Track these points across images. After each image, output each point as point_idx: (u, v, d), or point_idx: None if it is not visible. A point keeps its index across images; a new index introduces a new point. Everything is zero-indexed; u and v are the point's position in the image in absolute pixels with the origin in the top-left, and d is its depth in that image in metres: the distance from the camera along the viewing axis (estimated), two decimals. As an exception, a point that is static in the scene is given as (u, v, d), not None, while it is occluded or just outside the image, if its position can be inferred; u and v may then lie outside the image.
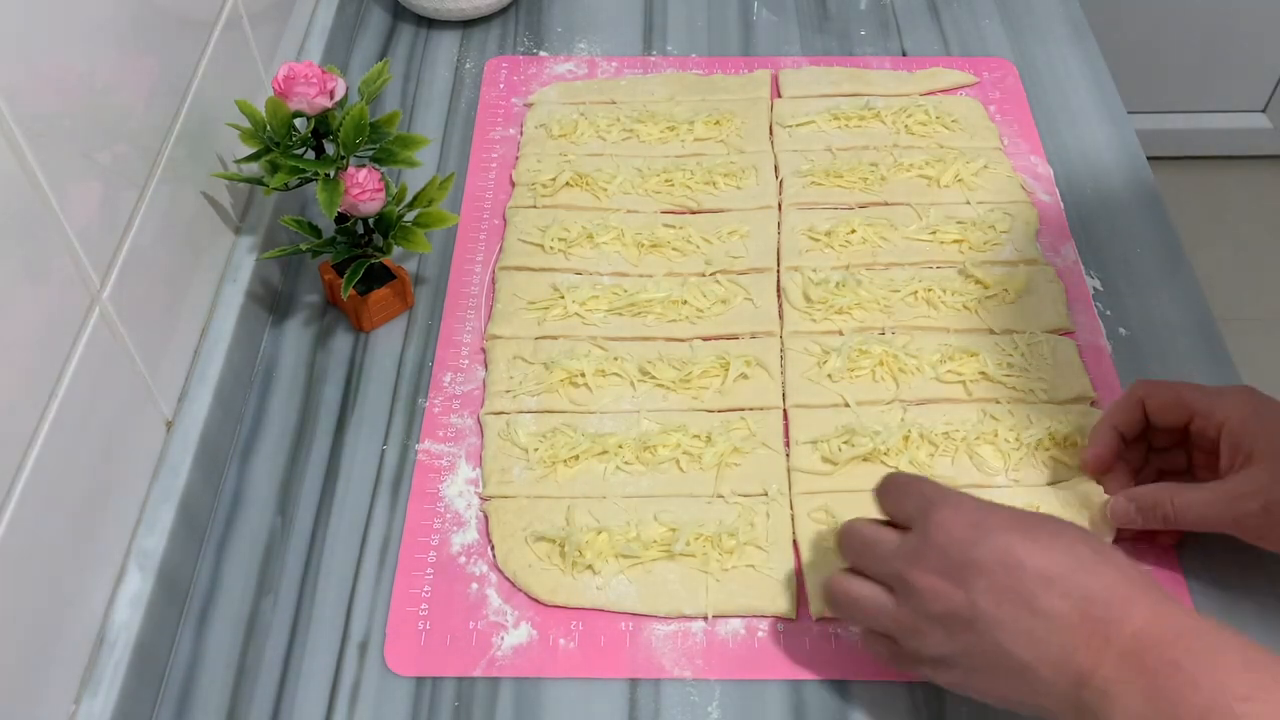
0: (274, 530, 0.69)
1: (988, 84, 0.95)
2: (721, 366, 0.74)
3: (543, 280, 0.80)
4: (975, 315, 0.77)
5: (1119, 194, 0.87)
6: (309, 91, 0.69)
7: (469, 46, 1.00)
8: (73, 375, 0.56)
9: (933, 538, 0.54)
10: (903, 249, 0.81)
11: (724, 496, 0.68)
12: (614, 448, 0.70)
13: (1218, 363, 0.76)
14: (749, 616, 0.64)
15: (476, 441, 0.72)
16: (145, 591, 0.61)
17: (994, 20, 1.02)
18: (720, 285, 0.79)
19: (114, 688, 0.58)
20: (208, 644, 0.64)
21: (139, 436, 0.65)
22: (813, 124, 0.91)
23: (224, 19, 0.77)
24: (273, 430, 0.74)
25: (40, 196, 0.53)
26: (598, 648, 0.63)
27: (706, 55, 0.99)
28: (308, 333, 0.79)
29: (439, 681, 0.62)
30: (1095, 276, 0.81)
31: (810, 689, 0.62)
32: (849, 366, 0.74)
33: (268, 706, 0.62)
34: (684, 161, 0.88)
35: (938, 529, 0.54)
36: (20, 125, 0.51)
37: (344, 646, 0.64)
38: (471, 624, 0.64)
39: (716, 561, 0.65)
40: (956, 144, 0.89)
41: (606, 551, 0.66)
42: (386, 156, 0.72)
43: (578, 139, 0.90)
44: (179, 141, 0.69)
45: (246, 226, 0.79)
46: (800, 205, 0.85)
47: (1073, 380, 0.74)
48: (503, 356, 0.75)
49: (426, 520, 0.69)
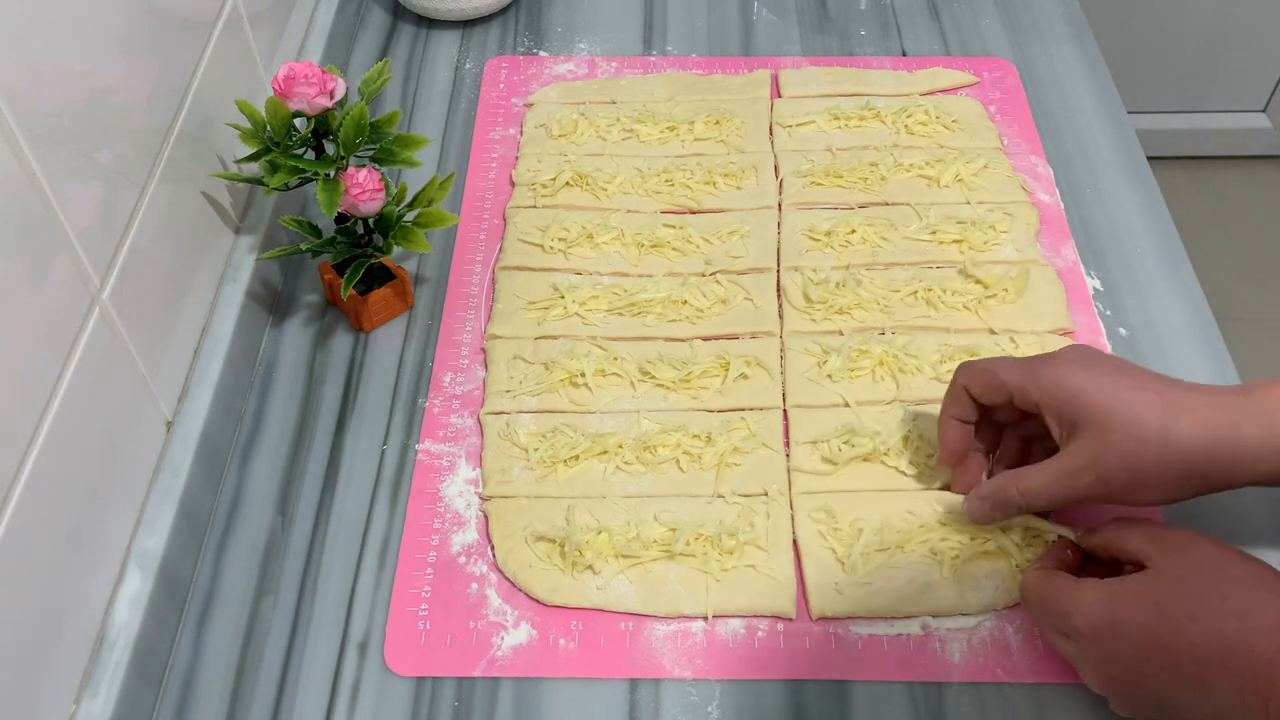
0: (274, 530, 0.69)
1: (988, 84, 0.95)
2: (721, 366, 0.74)
3: (543, 280, 0.80)
4: (975, 315, 0.77)
5: (1119, 194, 0.87)
6: (309, 91, 0.69)
7: (469, 46, 1.00)
8: (73, 375, 0.56)
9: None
10: (903, 249, 0.81)
11: (724, 496, 0.68)
12: (614, 448, 0.70)
13: (1218, 363, 0.76)
14: (749, 616, 0.64)
15: (476, 441, 0.72)
16: (145, 591, 0.61)
17: (994, 20, 1.02)
18: (720, 285, 0.79)
19: (114, 688, 0.58)
20: (208, 644, 0.64)
21: (139, 436, 0.65)
22: (813, 124, 0.91)
23: (224, 19, 0.77)
24: (273, 430, 0.74)
25: (40, 196, 0.53)
26: (598, 648, 0.63)
27: (706, 55, 0.99)
28: (308, 333, 0.79)
29: (439, 681, 0.62)
30: (1095, 276, 0.81)
31: (810, 689, 0.62)
32: (849, 366, 0.74)
33: (268, 706, 0.62)
34: (684, 161, 0.88)
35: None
36: (20, 125, 0.51)
37: (344, 646, 0.64)
38: (471, 624, 0.64)
39: (716, 561, 0.65)
40: (956, 144, 0.89)
41: (606, 551, 0.66)
42: (386, 156, 0.72)
43: (578, 139, 0.90)
44: (179, 141, 0.69)
45: (246, 226, 0.79)
46: (800, 205, 0.85)
47: (1073, 380, 0.73)
48: (503, 356, 0.76)
49: (426, 520, 0.69)
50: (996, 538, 0.65)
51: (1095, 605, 0.55)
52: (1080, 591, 0.56)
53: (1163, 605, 0.53)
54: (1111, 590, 0.55)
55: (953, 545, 0.65)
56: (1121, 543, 0.58)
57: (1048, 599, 0.58)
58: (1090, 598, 0.56)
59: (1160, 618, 0.53)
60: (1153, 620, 0.53)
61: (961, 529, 0.65)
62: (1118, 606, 0.55)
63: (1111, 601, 0.55)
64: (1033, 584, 0.59)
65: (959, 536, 0.65)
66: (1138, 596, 0.54)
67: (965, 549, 0.65)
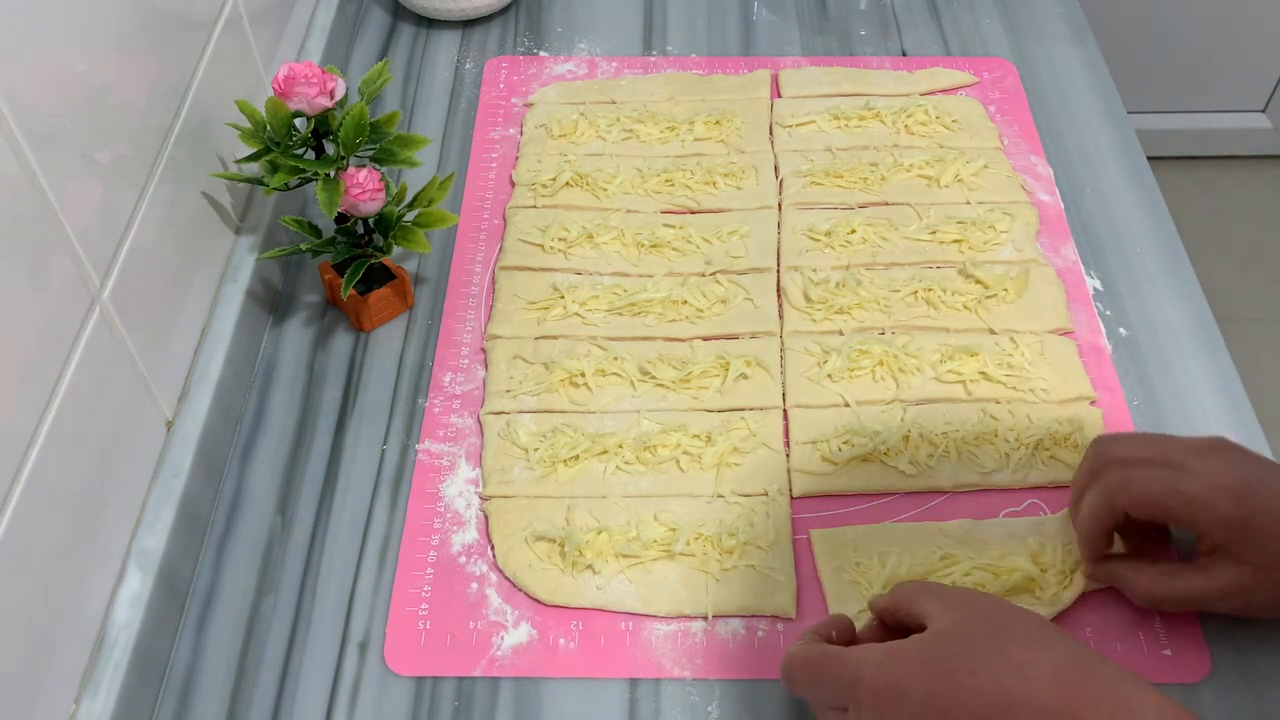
0: (274, 530, 0.69)
1: (988, 84, 0.95)
2: (721, 366, 0.74)
3: (543, 280, 0.80)
4: (975, 315, 0.77)
5: (1119, 194, 0.87)
6: (309, 91, 0.69)
7: (469, 46, 1.00)
8: (73, 375, 0.56)
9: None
10: (903, 249, 0.81)
11: (724, 496, 0.68)
12: (614, 448, 0.70)
13: (1218, 363, 0.76)
14: (749, 616, 0.64)
15: (476, 441, 0.72)
16: (145, 591, 0.61)
17: (994, 20, 1.02)
18: (720, 285, 0.79)
19: (114, 688, 0.58)
20: (208, 644, 0.64)
21: (139, 436, 0.65)
22: (813, 124, 0.91)
23: (224, 19, 0.77)
24: (273, 430, 0.74)
25: (40, 196, 0.53)
26: (598, 648, 0.63)
27: (706, 55, 0.99)
28: (308, 333, 0.79)
29: (439, 681, 0.62)
30: (1095, 276, 0.81)
31: (810, 689, 0.62)
32: (849, 366, 0.74)
33: (268, 706, 0.62)
34: (684, 161, 0.88)
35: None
36: (20, 125, 0.51)
37: (344, 646, 0.64)
38: (471, 624, 0.64)
39: (716, 561, 0.65)
40: (956, 144, 0.89)
41: (606, 551, 0.66)
42: (386, 156, 0.72)
43: (578, 139, 0.90)
44: (179, 141, 0.69)
45: (246, 226, 0.79)
46: (800, 205, 0.85)
47: (1073, 380, 0.74)
48: (503, 356, 0.76)
49: (426, 520, 0.69)
50: (1024, 569, 0.64)
51: (877, 669, 0.52)
52: (858, 657, 0.53)
53: (941, 662, 0.51)
54: (891, 652, 0.52)
55: (978, 581, 0.64)
56: (908, 605, 0.56)
57: (823, 672, 0.54)
58: (872, 659, 0.52)
59: (939, 674, 0.51)
60: (933, 679, 0.51)
61: (988, 566, 0.65)
62: (897, 668, 0.52)
63: (890, 663, 0.52)
64: (801, 659, 0.55)
65: (985, 574, 0.64)
66: (918, 655, 0.52)
67: (991, 585, 0.64)
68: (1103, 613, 0.64)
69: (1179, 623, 0.63)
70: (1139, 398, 0.74)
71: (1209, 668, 0.62)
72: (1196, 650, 0.63)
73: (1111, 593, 0.64)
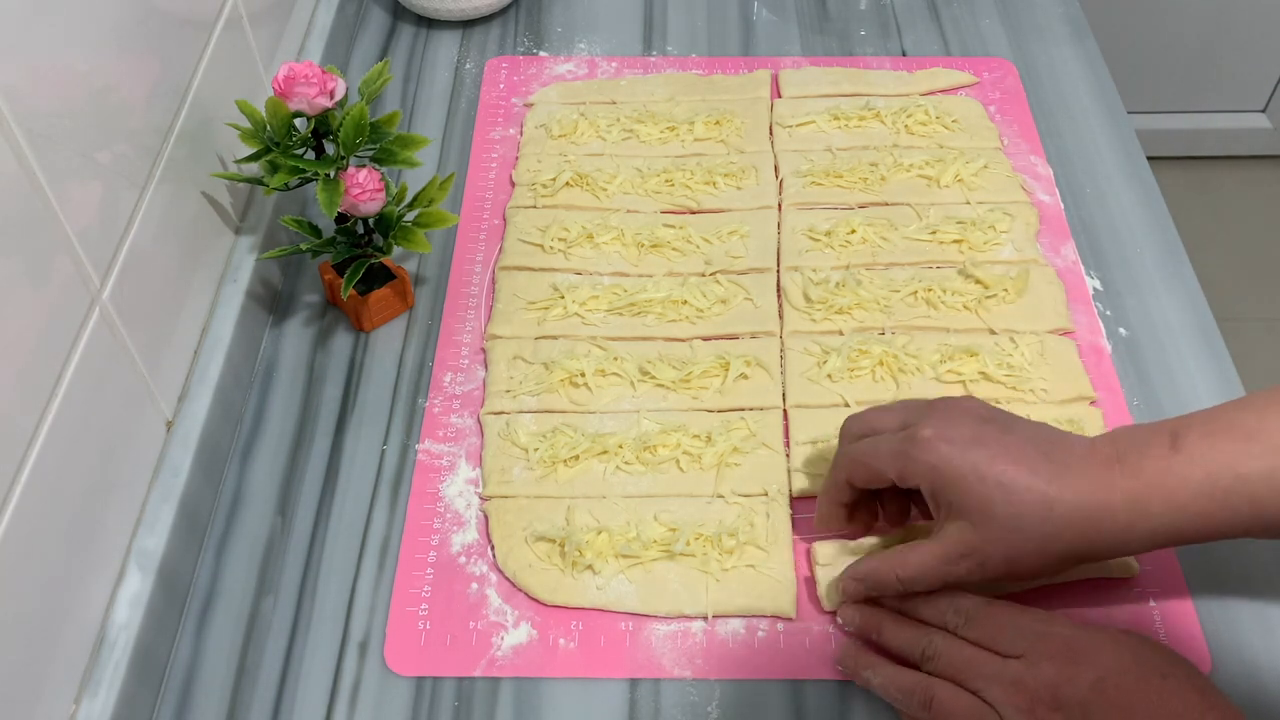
0: (274, 530, 0.69)
1: (988, 84, 0.95)
2: (721, 366, 0.74)
3: (543, 280, 0.80)
4: (975, 315, 0.77)
5: (1119, 194, 0.87)
6: (309, 91, 0.69)
7: (469, 46, 1.00)
8: (73, 375, 0.56)
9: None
10: (903, 249, 0.81)
11: (724, 496, 0.68)
12: (614, 448, 0.70)
13: (1218, 363, 0.76)
14: (749, 616, 0.64)
15: (476, 441, 0.72)
16: (145, 591, 0.61)
17: (994, 20, 1.02)
18: (720, 285, 0.79)
19: (114, 688, 0.58)
20: (208, 644, 0.64)
21: (139, 436, 0.65)
22: (813, 124, 0.91)
23: (224, 19, 0.77)
24: (273, 430, 0.74)
25: (40, 196, 0.53)
26: (598, 648, 0.63)
27: (706, 55, 0.99)
28: (308, 333, 0.79)
29: (439, 681, 0.62)
30: (1095, 276, 0.81)
31: (810, 689, 0.62)
32: (849, 366, 0.74)
33: (268, 706, 0.62)
34: (684, 161, 0.88)
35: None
36: (20, 125, 0.51)
37: (344, 646, 0.64)
38: (471, 624, 0.64)
39: (716, 561, 0.65)
40: (956, 144, 0.89)
41: (606, 551, 0.66)
42: (386, 156, 0.72)
43: (578, 139, 0.90)
44: (179, 141, 0.69)
45: (246, 226, 0.79)
46: (800, 205, 0.85)
47: (1073, 380, 0.74)
48: (503, 356, 0.76)
49: (426, 520, 0.69)
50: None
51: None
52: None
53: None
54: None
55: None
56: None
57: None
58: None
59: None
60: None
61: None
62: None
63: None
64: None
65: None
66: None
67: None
68: (1103, 610, 0.64)
69: (1179, 621, 0.63)
70: (1139, 398, 0.74)
71: (1209, 667, 0.62)
72: (1196, 649, 0.63)
73: (1111, 590, 0.64)
